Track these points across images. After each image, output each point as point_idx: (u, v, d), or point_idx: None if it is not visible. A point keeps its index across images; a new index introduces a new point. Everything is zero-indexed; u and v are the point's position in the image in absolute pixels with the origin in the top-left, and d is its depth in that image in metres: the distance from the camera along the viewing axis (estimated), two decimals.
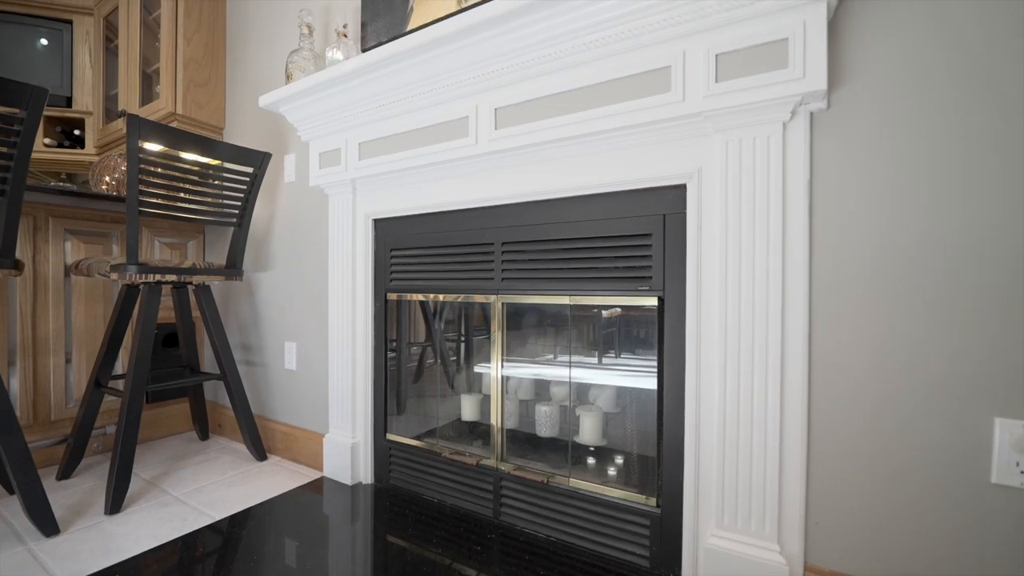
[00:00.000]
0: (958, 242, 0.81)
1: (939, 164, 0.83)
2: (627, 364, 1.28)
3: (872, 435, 0.88)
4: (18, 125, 1.19)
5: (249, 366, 2.00)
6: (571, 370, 1.38)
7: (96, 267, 1.47)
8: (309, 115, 1.55)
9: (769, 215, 0.93)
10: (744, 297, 0.95)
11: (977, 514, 0.80)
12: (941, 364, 0.82)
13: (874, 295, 0.88)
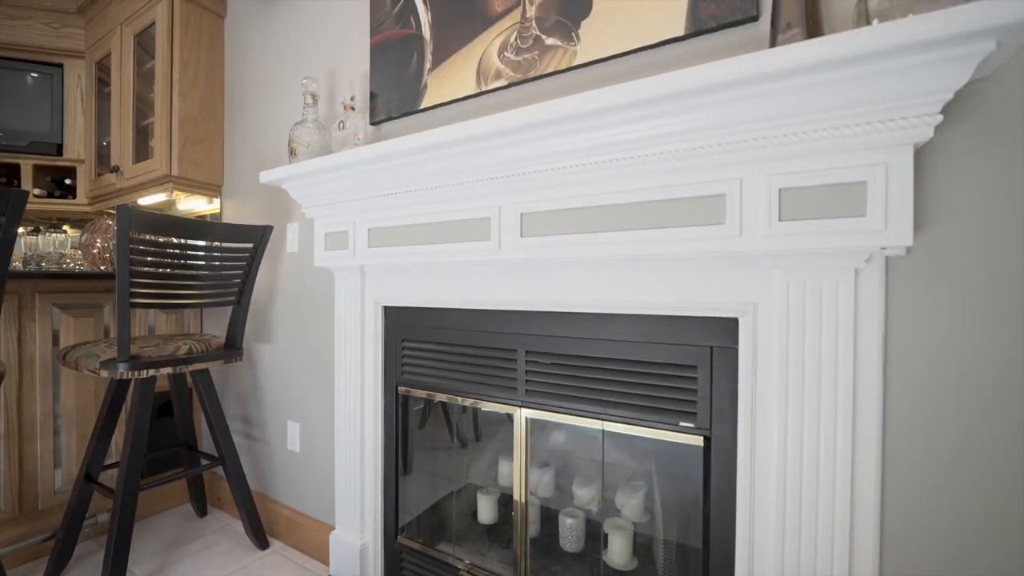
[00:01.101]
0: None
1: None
2: (666, 501, 1.17)
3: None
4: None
5: (250, 440, 1.90)
6: (602, 491, 1.27)
7: (85, 363, 1.36)
8: (314, 194, 1.44)
9: (837, 363, 0.82)
10: (807, 453, 0.84)
11: None
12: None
13: (957, 457, 0.77)
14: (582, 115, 0.90)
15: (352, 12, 1.56)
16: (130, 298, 1.31)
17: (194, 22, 1.87)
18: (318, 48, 1.67)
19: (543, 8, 1.13)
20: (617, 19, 1.03)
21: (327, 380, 1.64)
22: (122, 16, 2.00)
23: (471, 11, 1.24)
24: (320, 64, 1.66)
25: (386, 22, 1.42)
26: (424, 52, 1.34)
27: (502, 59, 1.19)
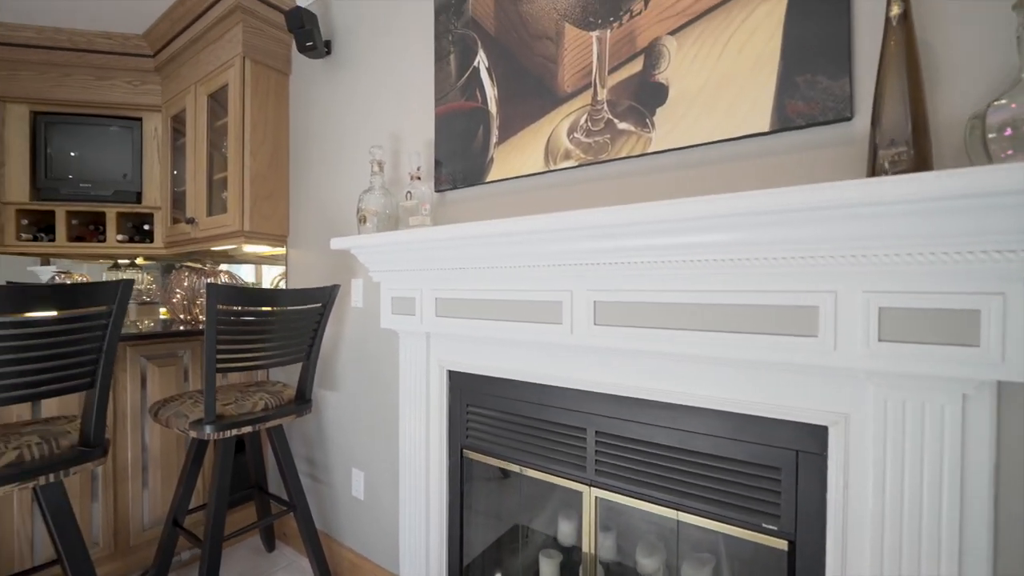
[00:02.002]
0: None
1: None
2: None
3: None
4: (105, 319, 1.17)
5: (315, 482, 1.99)
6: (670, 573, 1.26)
7: (175, 422, 1.46)
8: (382, 260, 1.49)
9: (942, 488, 0.78)
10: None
11: None
12: None
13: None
14: (670, 221, 0.89)
15: (414, 79, 1.61)
16: (219, 364, 1.40)
17: (263, 82, 1.97)
18: (380, 110, 1.72)
19: (615, 92, 1.12)
20: (695, 109, 1.02)
21: (391, 432, 1.70)
22: (196, 76, 2.13)
23: (539, 90, 1.25)
24: (382, 126, 1.71)
25: (451, 93, 1.45)
26: (490, 126, 1.36)
27: (572, 140, 1.20)
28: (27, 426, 1.28)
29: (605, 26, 1.14)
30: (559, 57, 1.22)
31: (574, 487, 1.24)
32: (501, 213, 1.38)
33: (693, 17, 1.02)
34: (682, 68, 1.03)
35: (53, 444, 1.19)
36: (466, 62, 1.42)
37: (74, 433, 1.25)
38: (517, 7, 1.30)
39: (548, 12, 1.24)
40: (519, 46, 1.30)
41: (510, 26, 1.31)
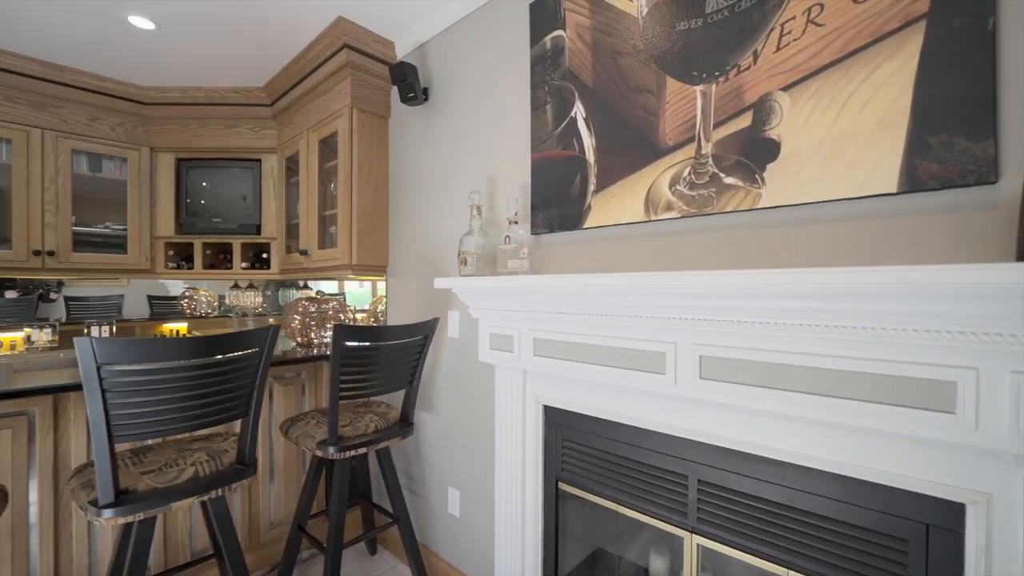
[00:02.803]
0: None
1: None
2: None
3: None
4: (257, 359, 1.37)
5: (413, 496, 2.15)
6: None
7: (303, 441, 1.67)
8: (482, 300, 1.59)
9: None
10: None
11: None
12: None
13: None
14: (797, 289, 0.90)
15: (508, 126, 1.69)
16: (341, 394, 1.57)
17: (367, 128, 2.16)
18: (474, 154, 1.83)
19: (721, 147, 1.13)
20: (810, 167, 1.01)
21: (485, 457, 1.81)
22: (308, 123, 2.38)
23: (639, 141, 1.29)
24: (476, 169, 1.82)
25: (547, 141, 1.52)
26: (588, 174, 1.41)
27: (674, 192, 1.22)
28: (194, 442, 1.53)
29: (710, 80, 1.15)
30: (660, 110, 1.25)
31: (674, 531, 1.26)
32: (599, 258, 1.43)
33: (808, 73, 1.01)
34: (796, 125, 1.02)
35: (218, 461, 1.41)
36: (563, 112, 1.48)
37: (232, 451, 1.47)
38: (616, 60, 1.34)
39: (648, 65, 1.27)
40: (618, 98, 1.34)
41: (608, 79, 1.36)
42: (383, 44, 2.12)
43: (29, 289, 3.10)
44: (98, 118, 2.56)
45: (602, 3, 1.37)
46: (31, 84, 2.35)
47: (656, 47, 1.25)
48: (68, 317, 3.69)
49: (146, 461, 1.36)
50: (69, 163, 2.49)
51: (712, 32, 1.15)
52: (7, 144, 2.34)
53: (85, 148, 2.54)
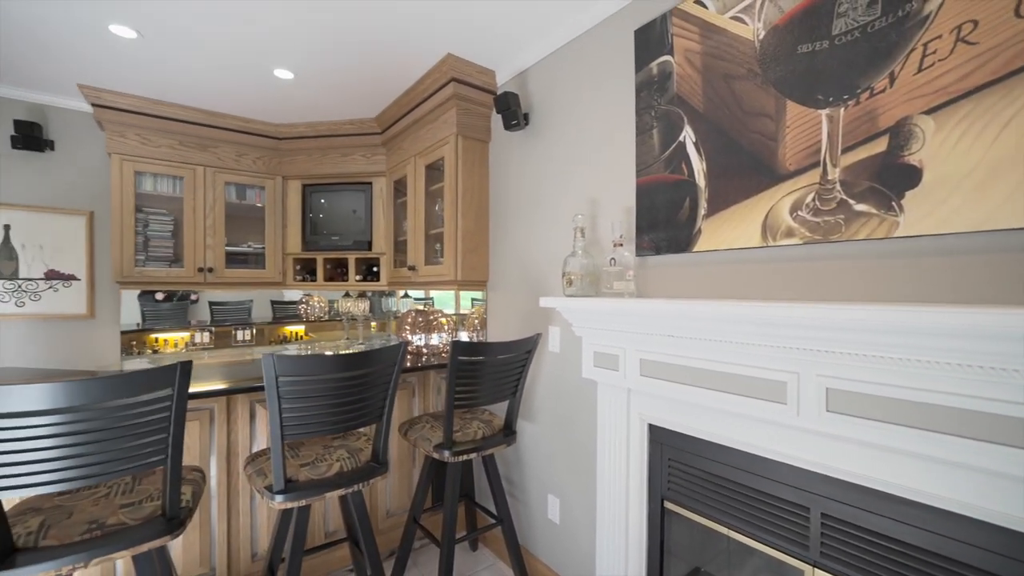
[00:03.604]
0: None
1: None
2: None
3: None
4: (391, 371, 1.55)
5: (512, 499, 2.27)
6: None
7: (421, 444, 1.85)
8: (586, 320, 1.66)
9: None
10: None
11: None
12: None
13: None
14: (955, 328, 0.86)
15: (610, 149, 1.74)
16: (456, 403, 1.73)
17: (470, 153, 2.32)
18: (575, 177, 1.90)
19: (851, 173, 1.10)
20: (958, 196, 0.95)
21: (586, 468, 1.87)
22: (416, 149, 2.60)
23: (756, 166, 1.28)
24: (578, 191, 1.89)
25: (653, 165, 1.55)
26: (698, 198, 1.42)
27: (795, 218, 1.20)
28: (335, 440, 1.76)
29: (837, 104, 1.12)
30: (779, 134, 1.23)
31: (792, 563, 1.24)
32: (709, 282, 1.44)
33: (956, 96, 0.95)
34: (942, 150, 0.97)
35: (356, 459, 1.61)
36: (670, 137, 1.50)
37: (366, 450, 1.67)
38: (729, 84, 1.34)
39: (765, 89, 1.26)
40: (731, 122, 1.34)
41: (721, 103, 1.36)
42: (485, 74, 2.27)
43: (171, 294, 3.71)
44: (244, 153, 3.00)
45: (714, 28, 1.38)
46: (198, 130, 2.82)
47: (775, 71, 1.23)
48: (212, 319, 4.36)
49: (301, 455, 1.60)
50: (223, 193, 2.95)
51: (840, 54, 1.11)
52: (180, 180, 2.83)
53: (234, 180, 2.99)
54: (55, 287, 2.69)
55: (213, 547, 1.87)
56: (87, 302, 2.78)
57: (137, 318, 3.16)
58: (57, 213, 2.70)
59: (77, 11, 1.84)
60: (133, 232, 2.68)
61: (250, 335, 3.55)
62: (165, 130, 2.74)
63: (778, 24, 1.23)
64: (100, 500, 1.28)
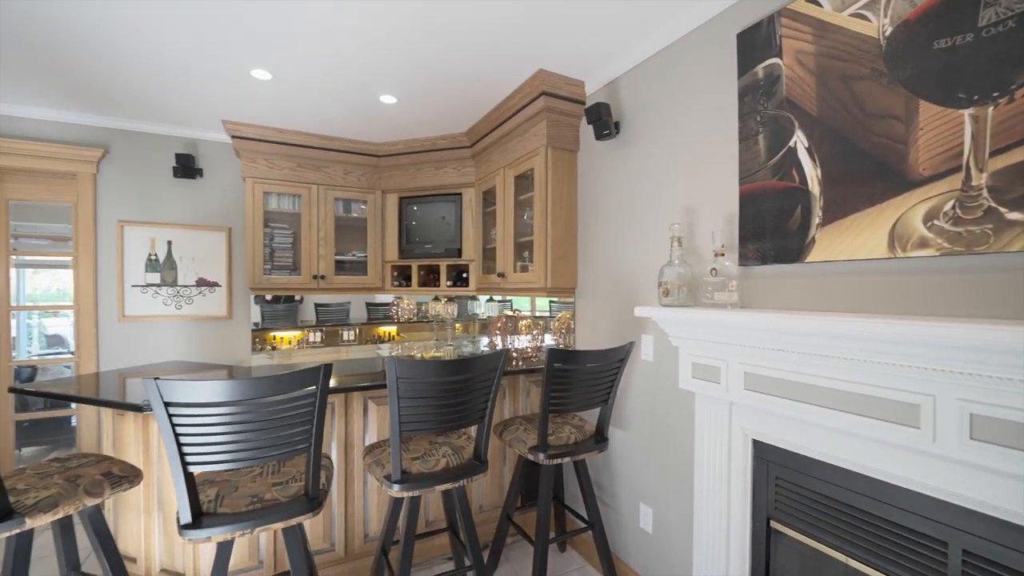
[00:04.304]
0: None
1: None
2: None
3: None
4: (492, 375, 1.65)
5: (602, 504, 2.29)
6: None
7: (517, 445, 1.94)
8: (683, 330, 1.64)
9: None
10: None
11: None
12: None
13: None
14: None
15: (709, 156, 1.71)
16: (550, 408, 1.79)
17: (559, 163, 2.38)
18: (670, 184, 1.88)
19: (1003, 178, 0.99)
20: None
21: (681, 479, 1.84)
22: (505, 161, 2.71)
23: (882, 172, 1.19)
24: (673, 198, 1.87)
25: (759, 172, 1.50)
26: (811, 206, 1.36)
27: (931, 227, 1.11)
28: (438, 437, 1.90)
29: (984, 102, 1.02)
30: (910, 137, 1.14)
31: None
32: (824, 294, 1.36)
33: None
34: None
35: (459, 456, 1.74)
36: (779, 142, 1.44)
37: (468, 448, 1.79)
38: (848, 86, 1.26)
39: (893, 89, 1.17)
40: (851, 126, 1.26)
41: (839, 105, 1.29)
42: (575, 85, 2.31)
43: (279, 296, 4.18)
44: (350, 171, 3.32)
45: (830, 26, 1.30)
46: (312, 153, 3.17)
47: (905, 69, 1.15)
48: (317, 319, 4.85)
49: (411, 449, 1.76)
50: (332, 208, 3.28)
51: (988, 48, 1.01)
52: (298, 198, 3.20)
53: (342, 195, 3.32)
54: (203, 292, 3.17)
55: (333, 526, 2.11)
56: (226, 305, 3.24)
57: (257, 318, 3.61)
58: (204, 230, 3.18)
59: (224, 62, 2.17)
60: (262, 245, 3.08)
61: (354, 335, 3.90)
62: (287, 154, 3.11)
63: (908, 19, 1.14)
64: (256, 478, 1.52)
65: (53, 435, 4.29)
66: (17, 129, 2.74)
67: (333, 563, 2.10)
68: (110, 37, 1.98)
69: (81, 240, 2.91)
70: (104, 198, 2.94)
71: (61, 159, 2.82)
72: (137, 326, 3.03)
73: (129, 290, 2.99)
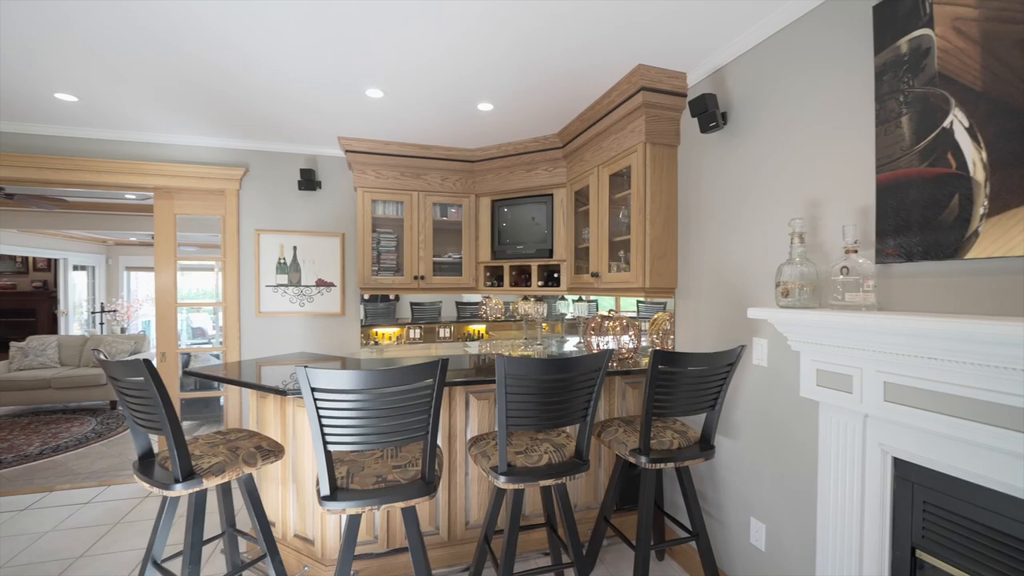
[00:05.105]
0: None
1: None
2: None
3: None
4: (595, 374, 1.66)
5: (706, 516, 2.19)
6: None
7: (616, 447, 1.92)
8: (805, 334, 1.51)
9: None
10: None
11: None
12: None
13: None
14: None
15: (836, 144, 1.55)
16: (652, 411, 1.75)
17: (658, 159, 2.31)
18: (787, 175, 1.74)
19: None
20: None
21: (801, 495, 1.70)
22: (599, 160, 2.69)
23: None
24: (790, 191, 1.73)
25: (902, 158, 1.34)
26: (972, 195, 1.18)
27: None
28: (538, 434, 1.94)
29: None
30: None
31: None
32: (986, 296, 1.18)
33: None
34: None
35: (561, 453, 1.76)
36: (929, 123, 1.28)
37: (568, 446, 1.81)
38: None
39: None
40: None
41: (1013, 77, 1.11)
42: (675, 77, 2.23)
43: (375, 295, 4.48)
44: (446, 177, 3.50)
45: None
46: (413, 162, 3.39)
47: None
48: (412, 317, 5.18)
49: (513, 444, 1.82)
50: (431, 212, 3.49)
51: None
52: (401, 204, 3.44)
53: (439, 200, 3.51)
54: (321, 292, 3.54)
55: (438, 511, 2.25)
56: (340, 303, 3.59)
57: (361, 315, 3.94)
58: (322, 236, 3.55)
59: (344, 84, 2.40)
60: (371, 248, 3.37)
61: (448, 332, 4.11)
62: (391, 165, 3.37)
63: None
64: (378, 460, 1.67)
65: (203, 412, 5.06)
66: (181, 155, 3.28)
67: (438, 546, 2.24)
68: (253, 75, 2.29)
69: (228, 247, 3.39)
70: (245, 210, 3.41)
71: (214, 178, 3.32)
72: (269, 321, 3.47)
73: (263, 289, 3.44)
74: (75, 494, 3.13)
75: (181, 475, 1.55)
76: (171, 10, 1.79)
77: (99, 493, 3.15)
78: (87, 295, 8.80)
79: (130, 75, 2.32)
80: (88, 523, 2.73)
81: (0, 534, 2.61)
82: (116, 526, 2.69)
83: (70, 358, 6.03)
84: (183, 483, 1.55)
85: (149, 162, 3.20)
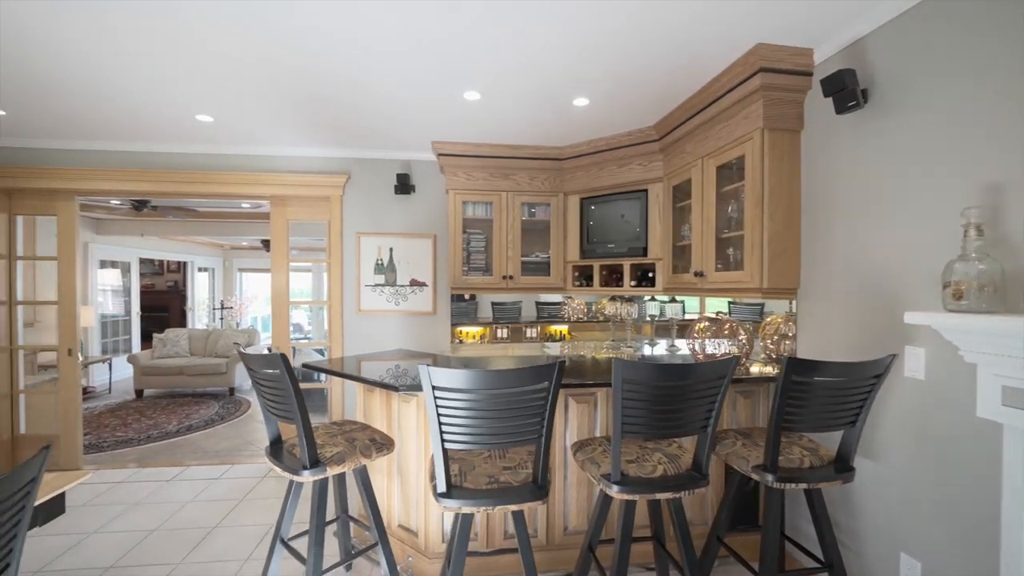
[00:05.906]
0: None
1: None
2: None
3: None
4: (719, 382, 1.53)
5: (840, 546, 1.94)
6: None
7: (737, 462, 1.76)
8: (987, 343, 1.27)
9: None
10: None
11: None
12: None
13: None
14: None
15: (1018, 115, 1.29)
16: (782, 423, 1.58)
17: (777, 147, 2.10)
18: (952, 158, 1.49)
19: None
20: None
21: (972, 533, 1.44)
22: (703, 151, 2.51)
23: None
24: (956, 176, 1.47)
25: None
26: None
27: None
28: (647, 443, 1.84)
29: None
30: None
31: None
32: None
33: None
34: None
35: (675, 465, 1.65)
36: None
37: (684, 457, 1.69)
38: None
39: None
40: None
41: None
42: (799, 55, 2.01)
43: (455, 295, 4.55)
44: (535, 177, 3.48)
45: None
46: (502, 162, 3.41)
47: None
48: (493, 317, 5.24)
49: (624, 451, 1.73)
50: (519, 212, 3.49)
51: None
52: (490, 205, 3.48)
53: (527, 200, 3.50)
54: (415, 291, 3.68)
55: (536, 515, 2.22)
56: (432, 302, 3.71)
57: None
58: (415, 237, 3.69)
59: (442, 89, 2.46)
60: (461, 249, 3.44)
61: (535, 332, 4.09)
62: (481, 166, 3.41)
63: None
64: (487, 460, 1.67)
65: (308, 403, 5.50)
66: (293, 165, 3.57)
67: (537, 550, 2.20)
68: (357, 89, 2.41)
69: (332, 249, 3.64)
70: (347, 214, 3.64)
71: (321, 186, 3.57)
72: (368, 319, 3.67)
73: (363, 289, 3.64)
74: (206, 470, 3.53)
75: (308, 462, 1.65)
76: (288, 38, 1.93)
77: (226, 471, 3.52)
78: (208, 293, 9.99)
79: (254, 97, 2.56)
80: (219, 497, 3.06)
81: (155, 499, 3.01)
82: (242, 502, 2.99)
83: (197, 349, 6.86)
84: (310, 470, 1.65)
85: (266, 172, 3.51)
